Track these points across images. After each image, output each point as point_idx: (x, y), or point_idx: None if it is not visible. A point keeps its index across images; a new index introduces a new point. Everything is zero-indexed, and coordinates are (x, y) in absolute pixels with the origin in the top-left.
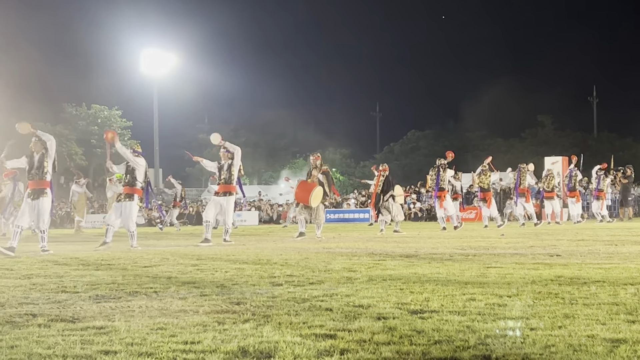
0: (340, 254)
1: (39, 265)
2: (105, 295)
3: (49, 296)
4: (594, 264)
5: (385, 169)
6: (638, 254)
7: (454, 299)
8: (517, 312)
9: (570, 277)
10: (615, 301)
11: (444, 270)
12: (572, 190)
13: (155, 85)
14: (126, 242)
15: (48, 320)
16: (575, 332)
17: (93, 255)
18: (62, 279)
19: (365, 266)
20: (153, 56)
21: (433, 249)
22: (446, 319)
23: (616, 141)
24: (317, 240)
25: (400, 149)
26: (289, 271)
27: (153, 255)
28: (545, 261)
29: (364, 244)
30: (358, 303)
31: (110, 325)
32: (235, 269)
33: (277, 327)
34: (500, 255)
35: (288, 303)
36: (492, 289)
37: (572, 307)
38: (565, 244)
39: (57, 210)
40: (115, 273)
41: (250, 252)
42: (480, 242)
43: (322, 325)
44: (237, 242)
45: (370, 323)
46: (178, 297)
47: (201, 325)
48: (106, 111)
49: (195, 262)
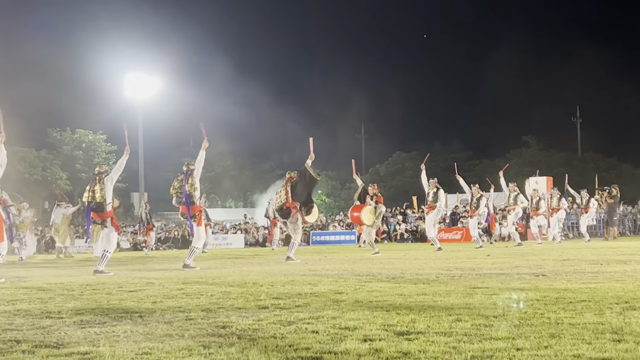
0: (326, 276)
1: (23, 292)
2: (89, 320)
3: (33, 322)
4: (579, 283)
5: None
6: (623, 273)
7: (440, 320)
8: (503, 333)
9: (556, 297)
10: (601, 320)
11: (430, 291)
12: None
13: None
14: (117, 266)
15: (32, 346)
16: (561, 351)
17: (77, 281)
18: (46, 305)
19: (351, 288)
20: (137, 80)
21: (419, 270)
22: (432, 340)
23: (600, 161)
24: (304, 263)
25: (386, 170)
26: (275, 294)
27: (138, 280)
28: (530, 281)
29: (350, 266)
30: (344, 325)
31: (95, 350)
32: (221, 292)
33: (263, 351)
34: (486, 275)
35: (274, 326)
36: (478, 309)
37: (558, 326)
38: (551, 264)
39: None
40: (100, 298)
41: (236, 275)
42: (466, 262)
43: (309, 348)
44: (222, 265)
45: (357, 345)
46: (163, 322)
47: (187, 350)
48: (90, 136)
49: (181, 286)
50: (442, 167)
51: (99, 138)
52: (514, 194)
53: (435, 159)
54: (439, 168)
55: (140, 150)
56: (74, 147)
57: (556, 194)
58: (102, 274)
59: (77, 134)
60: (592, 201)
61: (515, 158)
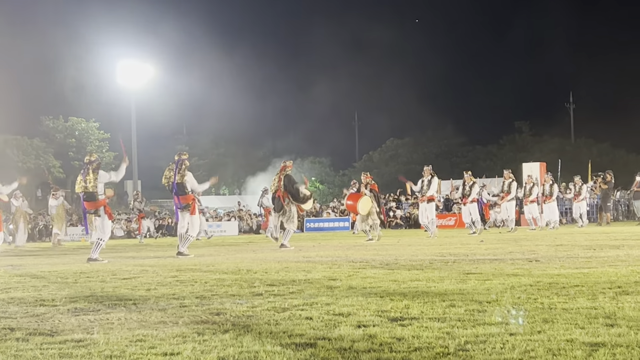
0: (320, 263)
1: (17, 280)
2: (83, 308)
3: (27, 310)
4: (572, 268)
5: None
6: (616, 258)
7: (433, 306)
8: (496, 318)
9: (549, 282)
10: (594, 305)
11: (423, 278)
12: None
13: (133, 96)
14: (111, 254)
15: (26, 334)
16: (554, 336)
17: (71, 269)
18: (40, 293)
19: (345, 275)
20: (130, 67)
21: (413, 256)
22: (426, 326)
23: (593, 147)
24: (297, 249)
25: (379, 157)
26: (269, 281)
27: (132, 267)
28: (524, 267)
29: (344, 253)
30: (338, 311)
31: (89, 338)
32: (215, 279)
33: (257, 337)
34: (480, 261)
35: (268, 313)
36: (472, 295)
37: (551, 312)
38: (544, 250)
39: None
40: (94, 285)
41: (230, 262)
42: (460, 248)
43: (303, 334)
44: (216, 252)
45: (351, 331)
46: (157, 309)
47: (181, 337)
48: (83, 123)
49: (175, 274)
50: (435, 154)
51: (91, 126)
52: (508, 181)
53: (428, 146)
54: (432, 154)
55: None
56: (67, 135)
57: (549, 180)
58: (95, 262)
59: (70, 122)
60: (584, 187)
61: (508, 144)
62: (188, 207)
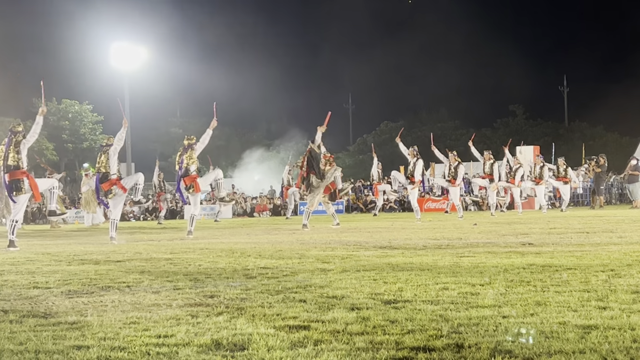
0: (313, 246)
1: (10, 262)
2: (77, 290)
3: (21, 292)
4: (565, 251)
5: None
6: (609, 242)
7: (427, 289)
8: (489, 301)
9: (542, 265)
10: (587, 288)
11: (417, 260)
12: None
13: (126, 79)
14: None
15: (20, 317)
16: (547, 319)
17: (65, 251)
18: (33, 275)
19: (339, 257)
20: (123, 49)
21: (406, 239)
22: (419, 309)
23: (587, 130)
24: (291, 232)
25: (373, 140)
26: (262, 263)
27: (126, 250)
28: (517, 250)
29: (338, 236)
30: (332, 294)
31: (83, 320)
32: (209, 262)
33: (250, 320)
34: (473, 244)
35: (262, 295)
36: (465, 277)
37: (544, 294)
38: (537, 233)
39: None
40: (88, 268)
41: (223, 245)
42: (453, 232)
43: (296, 317)
44: (210, 235)
45: (344, 314)
46: (151, 291)
47: (174, 319)
48: (77, 106)
49: (169, 256)
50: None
51: (85, 108)
52: (489, 162)
53: (422, 129)
54: (426, 138)
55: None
56: (60, 117)
57: (539, 162)
58: (115, 241)
59: (64, 104)
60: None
61: (502, 127)
62: (192, 187)
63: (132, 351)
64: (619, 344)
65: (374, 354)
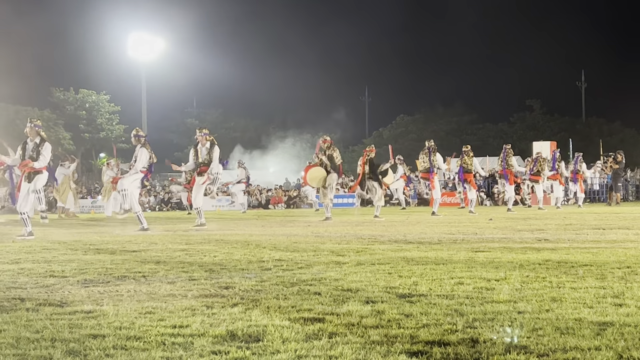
0: (328, 239)
1: (27, 250)
2: (93, 279)
3: (37, 281)
4: (581, 248)
5: (371, 150)
6: (625, 239)
7: (442, 283)
8: (505, 296)
9: (558, 261)
10: (602, 285)
11: (432, 255)
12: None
13: (144, 69)
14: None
15: (36, 305)
16: (562, 315)
17: (82, 240)
18: (50, 264)
19: (353, 251)
20: (141, 40)
21: (421, 233)
22: (434, 303)
23: (604, 126)
24: (306, 225)
25: (389, 133)
26: (277, 255)
27: (142, 240)
28: (533, 245)
29: (353, 229)
30: (347, 287)
31: (99, 309)
32: (224, 253)
33: (265, 311)
34: (489, 239)
35: (277, 287)
36: (480, 272)
37: (560, 290)
38: (553, 229)
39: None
40: (104, 257)
41: (239, 236)
42: (469, 227)
43: (311, 309)
44: (226, 226)
45: (359, 307)
46: (166, 282)
47: (190, 309)
48: (94, 96)
49: (184, 247)
50: (445, 131)
51: (102, 98)
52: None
53: (438, 123)
54: (442, 132)
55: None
56: (77, 107)
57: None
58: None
59: (81, 94)
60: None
61: (518, 122)
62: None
63: (148, 341)
64: (635, 341)
65: (389, 347)
